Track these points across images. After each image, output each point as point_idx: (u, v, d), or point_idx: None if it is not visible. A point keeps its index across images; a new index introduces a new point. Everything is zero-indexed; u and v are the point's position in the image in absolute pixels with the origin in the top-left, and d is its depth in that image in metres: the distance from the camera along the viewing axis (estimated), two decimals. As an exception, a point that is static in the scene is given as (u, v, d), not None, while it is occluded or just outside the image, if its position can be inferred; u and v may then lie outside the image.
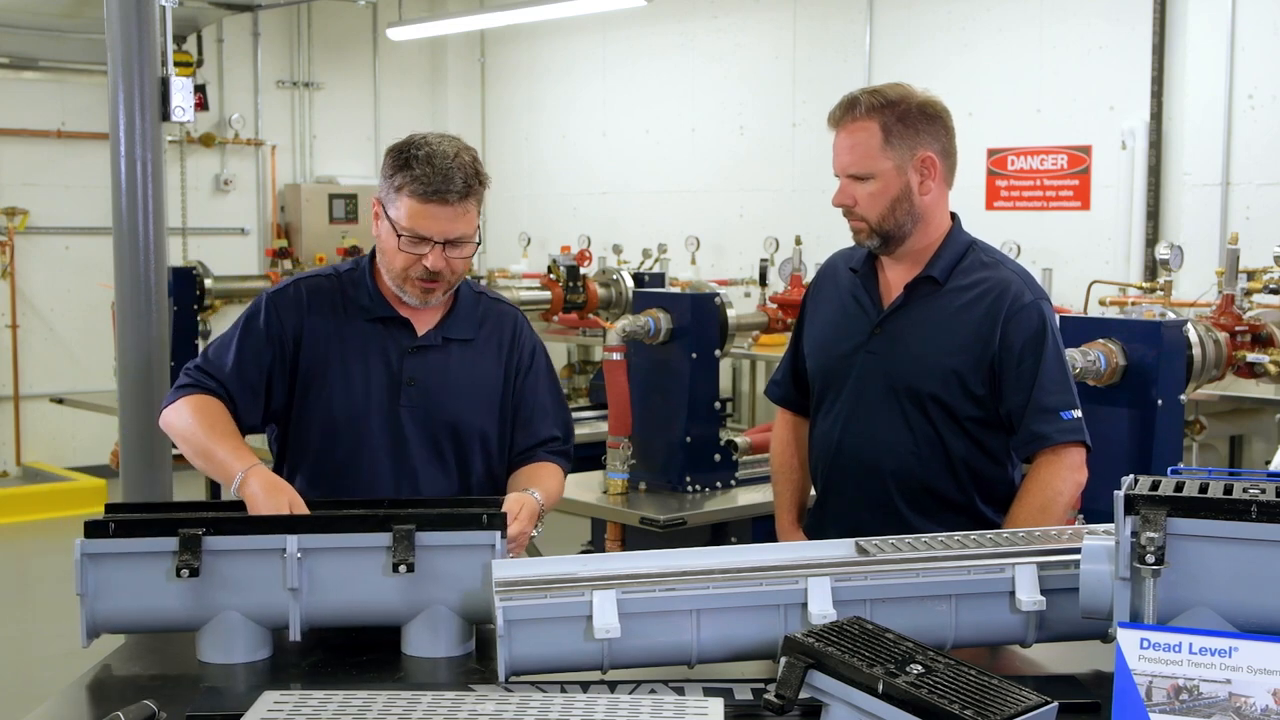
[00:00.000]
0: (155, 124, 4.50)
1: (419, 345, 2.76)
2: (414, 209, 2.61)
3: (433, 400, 2.76)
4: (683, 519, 4.18)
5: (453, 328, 2.79)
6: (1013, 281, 2.79)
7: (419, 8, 10.59)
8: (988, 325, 2.74)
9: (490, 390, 2.82)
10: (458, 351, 2.79)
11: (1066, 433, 2.72)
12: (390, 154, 2.69)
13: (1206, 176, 7.02)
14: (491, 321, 2.85)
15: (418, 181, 2.61)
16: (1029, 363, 2.72)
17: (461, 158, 2.65)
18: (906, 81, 2.88)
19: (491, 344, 2.83)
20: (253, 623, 2.35)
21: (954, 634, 2.24)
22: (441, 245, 2.64)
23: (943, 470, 2.78)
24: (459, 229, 2.64)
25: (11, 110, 9.51)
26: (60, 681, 2.45)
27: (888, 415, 2.80)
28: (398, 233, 2.64)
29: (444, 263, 2.65)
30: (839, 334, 2.90)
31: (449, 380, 2.77)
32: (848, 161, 2.76)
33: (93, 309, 9.16)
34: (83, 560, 2.33)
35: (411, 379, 2.74)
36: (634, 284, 6.45)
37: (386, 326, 2.76)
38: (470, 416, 2.79)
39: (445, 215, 2.62)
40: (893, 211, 2.75)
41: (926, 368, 2.77)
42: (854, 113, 2.75)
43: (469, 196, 2.64)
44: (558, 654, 2.17)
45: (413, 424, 2.75)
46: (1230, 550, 1.97)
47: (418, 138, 2.69)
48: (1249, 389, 5.52)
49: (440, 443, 2.77)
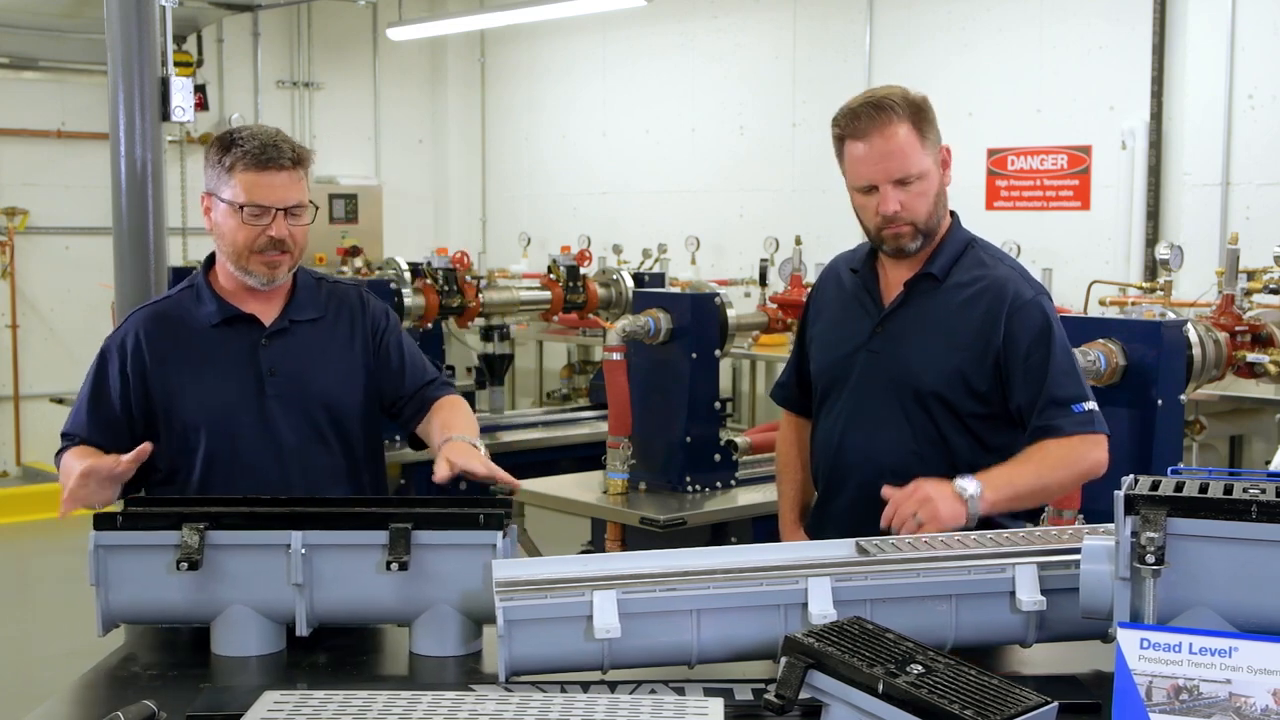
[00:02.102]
0: (155, 124, 4.50)
1: (270, 334, 2.82)
2: (250, 180, 2.71)
3: (299, 384, 2.81)
4: (683, 519, 4.18)
5: (297, 310, 2.85)
6: (1011, 278, 2.79)
7: (419, 8, 10.59)
8: (989, 323, 2.74)
9: (351, 363, 2.87)
10: (309, 331, 2.85)
11: (1079, 424, 2.70)
12: (213, 144, 2.79)
13: (1206, 176, 7.01)
14: (336, 300, 2.91)
15: (249, 155, 2.71)
16: (1036, 358, 2.72)
17: (282, 135, 2.77)
18: (906, 82, 2.88)
19: (343, 320, 2.89)
20: (262, 617, 2.37)
21: (954, 634, 2.24)
22: (283, 213, 2.72)
23: (943, 467, 2.77)
24: (295, 195, 2.74)
25: (11, 110, 9.51)
26: (60, 681, 2.46)
27: (889, 413, 2.80)
28: (239, 208, 2.71)
29: (287, 231, 2.74)
30: (841, 334, 2.91)
31: (309, 361, 2.83)
32: (893, 167, 2.70)
33: (93, 309, 9.15)
34: (97, 551, 2.37)
35: (272, 369, 2.80)
36: (634, 284, 6.44)
37: (234, 326, 2.81)
38: (339, 391, 2.84)
39: (280, 182, 2.72)
40: (935, 208, 2.76)
41: (928, 365, 2.77)
42: (888, 116, 2.69)
43: (299, 165, 2.75)
44: (558, 654, 2.17)
45: (284, 413, 2.79)
46: (1230, 550, 1.97)
47: (236, 127, 2.81)
48: (1249, 389, 5.52)
49: (319, 424, 2.81)
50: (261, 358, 2.80)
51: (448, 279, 5.91)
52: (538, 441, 5.83)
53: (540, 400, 9.75)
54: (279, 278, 2.79)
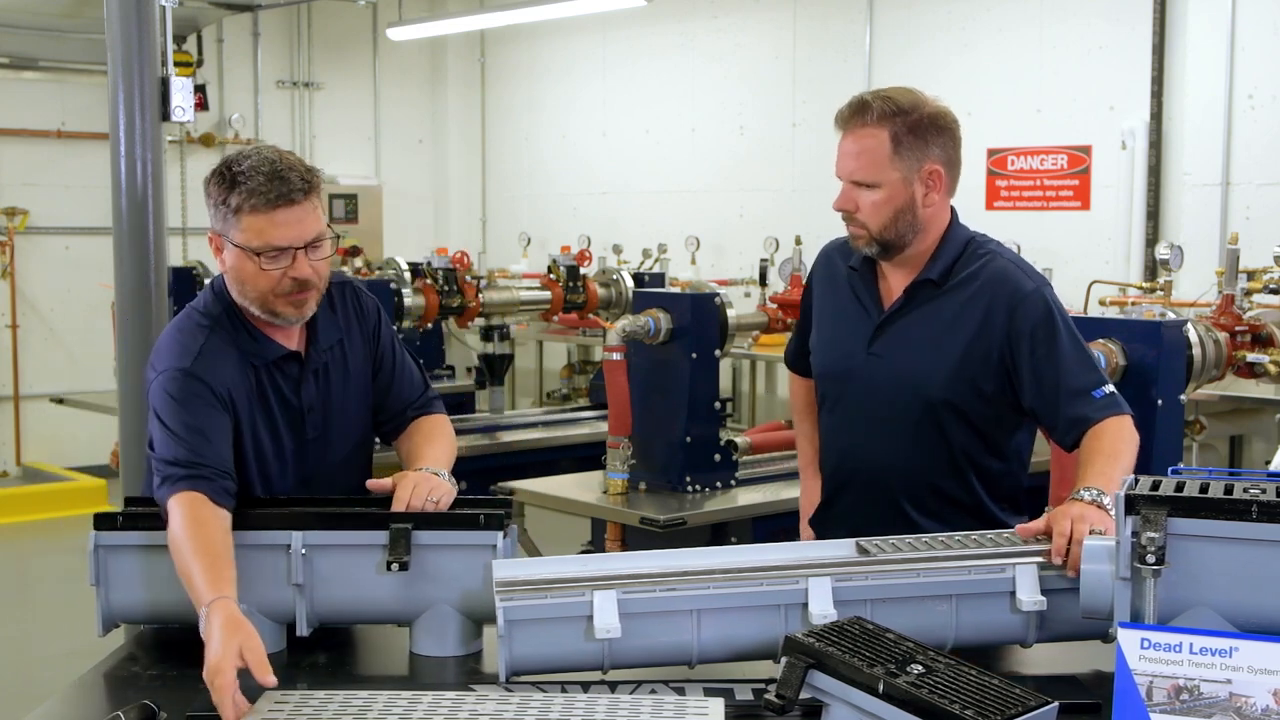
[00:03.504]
0: (155, 124, 4.49)
1: (312, 370, 2.60)
2: (261, 223, 2.42)
3: (332, 416, 2.63)
4: (683, 519, 4.18)
5: (324, 337, 2.62)
6: (1010, 271, 2.72)
7: (419, 8, 10.59)
8: (992, 320, 2.68)
9: (365, 380, 2.70)
10: (335, 357, 2.64)
11: (1104, 409, 2.61)
12: (212, 180, 2.48)
13: (1206, 176, 7.01)
14: (342, 309, 2.68)
15: (256, 194, 2.41)
16: (1044, 350, 2.65)
17: (288, 158, 2.48)
18: (906, 82, 2.84)
19: (353, 333, 2.67)
20: (261, 617, 2.37)
21: (954, 634, 2.24)
22: (304, 250, 2.45)
23: (948, 469, 2.75)
24: (312, 229, 2.45)
25: (11, 110, 9.51)
26: (60, 681, 2.46)
27: (892, 416, 2.76)
28: (255, 253, 2.43)
29: (311, 269, 2.46)
30: (841, 334, 2.86)
31: (339, 390, 2.64)
32: (853, 168, 2.68)
33: (93, 309, 9.16)
34: (97, 551, 2.37)
35: (311, 407, 2.60)
36: (634, 284, 6.44)
37: (276, 364, 2.57)
38: (363, 413, 2.70)
39: (294, 218, 2.43)
40: (895, 222, 2.68)
41: (933, 372, 2.72)
42: (864, 118, 2.66)
43: (311, 192, 2.46)
44: (558, 654, 2.17)
45: (319, 447, 2.62)
46: (1230, 550, 1.97)
47: (233, 156, 2.49)
48: (1249, 389, 5.52)
49: (346, 454, 2.67)
50: (304, 395, 2.59)
51: (448, 279, 5.92)
52: (538, 441, 5.83)
53: (540, 400, 9.75)
54: (308, 314, 2.54)
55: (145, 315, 4.44)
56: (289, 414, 2.58)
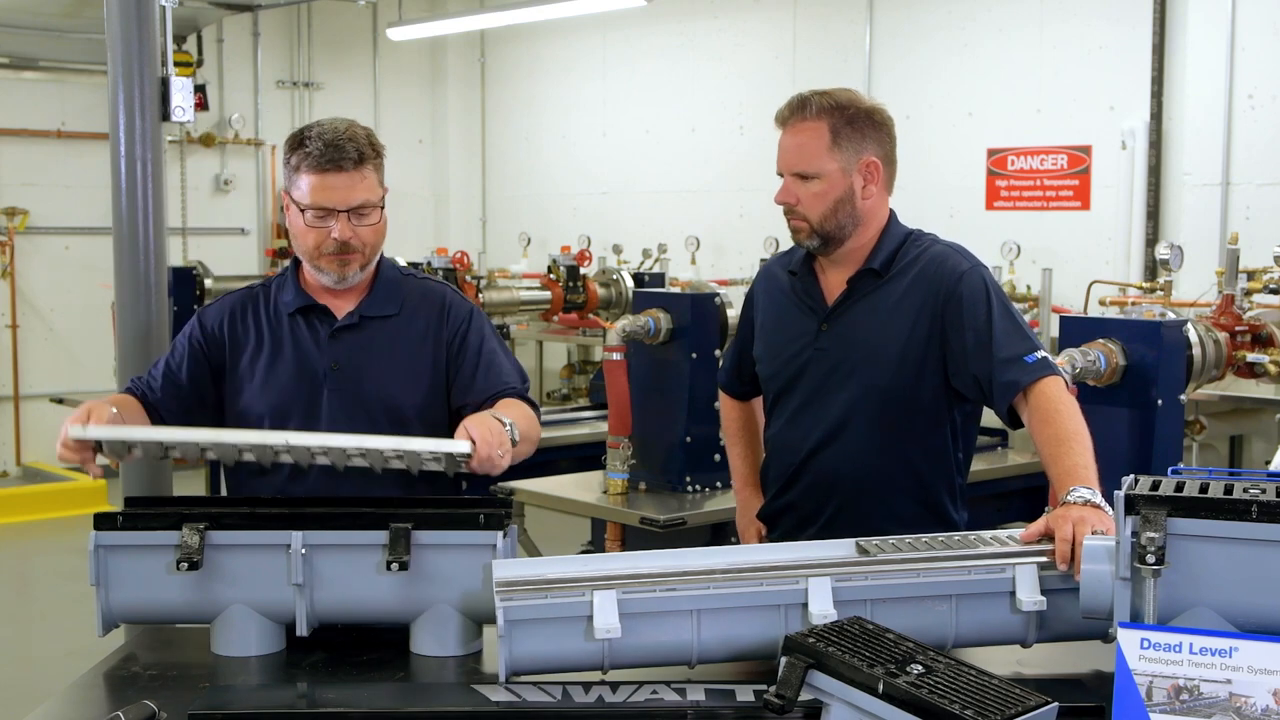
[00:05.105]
0: (155, 124, 4.49)
1: (339, 328, 2.80)
2: (313, 183, 2.69)
3: (358, 380, 2.77)
4: (683, 519, 4.18)
5: (372, 306, 2.83)
6: (947, 254, 2.80)
7: (419, 8, 10.59)
8: (931, 300, 2.75)
9: (418, 363, 2.81)
10: (379, 328, 2.81)
11: (1033, 372, 2.65)
12: (286, 143, 2.78)
13: (1206, 176, 7.01)
14: (417, 298, 2.87)
15: (311, 157, 2.69)
16: (978, 321, 2.71)
17: (353, 129, 2.75)
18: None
19: (418, 320, 2.84)
20: (262, 617, 2.37)
21: (954, 634, 2.24)
22: (347, 214, 2.70)
23: (906, 458, 2.78)
24: (359, 195, 2.71)
25: (11, 110, 9.51)
26: (60, 681, 2.46)
27: (840, 408, 2.80)
28: (303, 210, 2.71)
29: (351, 232, 2.72)
30: (785, 336, 2.91)
31: (373, 357, 2.79)
32: (794, 160, 2.80)
33: (93, 309, 9.16)
34: (97, 551, 2.37)
35: (335, 363, 2.78)
36: (634, 284, 6.45)
37: (307, 317, 2.81)
38: (398, 389, 2.79)
39: (342, 183, 2.69)
40: (835, 213, 2.77)
41: (877, 355, 2.77)
42: (803, 113, 2.80)
43: (364, 163, 2.72)
44: (558, 654, 2.17)
45: (341, 408, 2.75)
46: (1230, 550, 1.97)
47: (311, 124, 2.78)
48: (1249, 389, 5.52)
49: (376, 421, 2.72)
50: (327, 350, 2.79)
51: (448, 279, 5.92)
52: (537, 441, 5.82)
53: (540, 400, 9.75)
54: (350, 276, 2.77)
55: (145, 315, 4.43)
56: (313, 365, 2.78)
